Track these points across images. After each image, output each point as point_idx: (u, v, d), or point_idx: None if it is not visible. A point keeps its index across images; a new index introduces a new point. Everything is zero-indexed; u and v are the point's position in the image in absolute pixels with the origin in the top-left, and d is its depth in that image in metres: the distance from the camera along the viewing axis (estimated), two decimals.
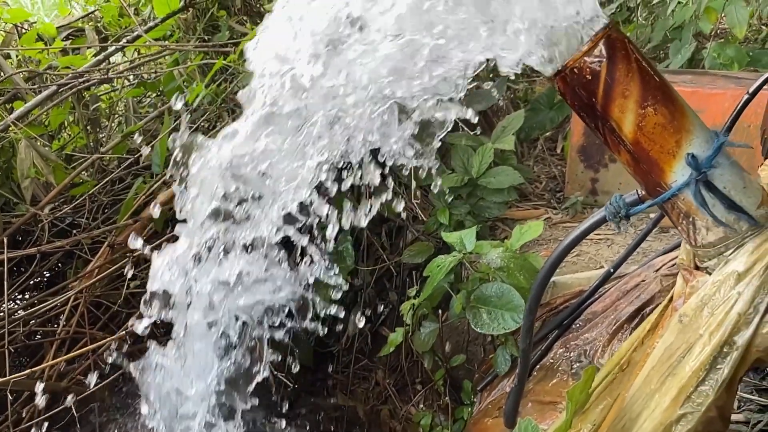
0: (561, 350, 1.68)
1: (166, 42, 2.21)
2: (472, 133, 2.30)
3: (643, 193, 0.89)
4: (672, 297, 0.99)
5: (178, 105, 1.10)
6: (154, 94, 2.55)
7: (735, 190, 0.81)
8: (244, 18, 2.68)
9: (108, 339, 1.60)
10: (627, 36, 0.82)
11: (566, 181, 2.72)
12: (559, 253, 0.94)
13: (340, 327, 2.38)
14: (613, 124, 0.83)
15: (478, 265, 1.77)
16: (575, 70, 0.82)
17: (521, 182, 2.30)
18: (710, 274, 0.86)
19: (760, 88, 1.03)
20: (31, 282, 1.99)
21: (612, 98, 0.82)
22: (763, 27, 4.30)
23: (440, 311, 1.86)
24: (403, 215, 2.41)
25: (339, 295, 1.97)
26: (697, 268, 0.90)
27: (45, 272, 2.16)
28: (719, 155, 0.81)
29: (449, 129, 0.96)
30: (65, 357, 1.57)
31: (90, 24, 2.38)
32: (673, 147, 0.81)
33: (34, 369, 1.48)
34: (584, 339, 1.66)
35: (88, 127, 2.30)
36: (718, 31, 3.48)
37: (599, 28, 0.81)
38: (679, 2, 3.37)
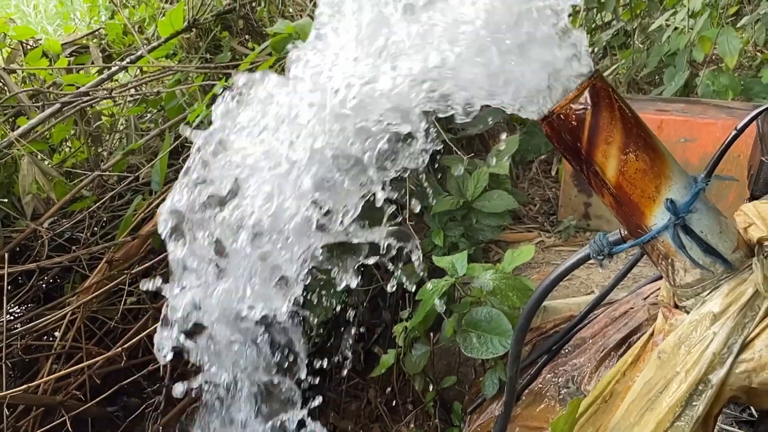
0: (549, 375, 1.71)
1: (170, 61, 2.25)
2: (467, 157, 2.34)
3: (626, 233, 0.92)
4: (653, 331, 1.02)
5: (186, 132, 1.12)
6: (156, 110, 2.59)
7: (711, 234, 0.85)
8: (246, 37, 2.73)
9: (104, 356, 1.63)
10: (611, 85, 0.86)
11: (560, 205, 2.76)
12: (543, 288, 0.97)
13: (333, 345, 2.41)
14: (597, 168, 0.87)
15: (471, 288, 1.80)
16: (561, 116, 0.86)
17: (515, 206, 2.34)
18: (688, 312, 0.90)
19: (747, 125, 1.06)
20: (29, 295, 2.01)
21: (596, 144, 0.85)
22: (758, 54, 4.37)
23: (432, 333, 1.89)
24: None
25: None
26: (676, 306, 0.93)
27: (43, 285, 2.18)
28: (697, 200, 0.85)
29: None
30: (62, 372, 1.59)
31: (94, 41, 2.42)
32: (653, 192, 0.85)
33: (30, 384, 1.50)
34: (572, 365, 1.69)
35: (90, 142, 2.34)
36: (713, 57, 3.54)
37: (585, 78, 0.85)
38: (675, 28, 3.43)
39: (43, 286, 2.20)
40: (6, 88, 2.04)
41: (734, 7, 4.33)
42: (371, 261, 1.40)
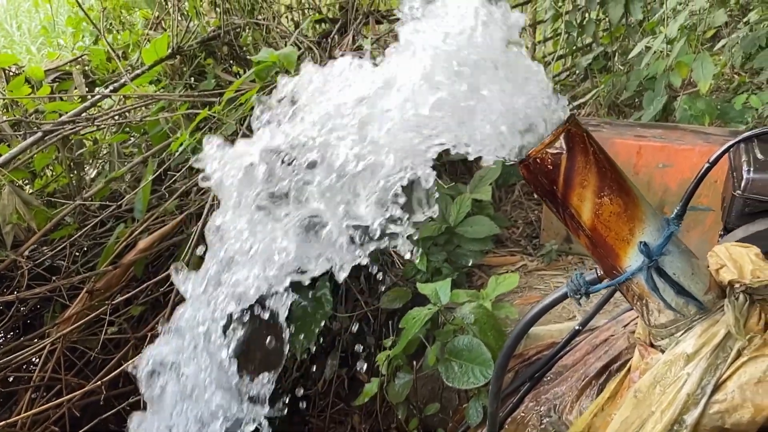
0: (532, 404, 1.72)
1: (153, 88, 2.25)
2: (447, 187, 2.36)
3: (602, 273, 0.94)
4: (630, 368, 1.04)
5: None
6: (139, 134, 2.58)
7: (684, 276, 0.87)
8: (231, 62, 2.74)
9: (83, 389, 1.61)
10: (586, 130, 0.88)
11: (542, 228, 2.79)
12: (521, 328, 0.98)
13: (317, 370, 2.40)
14: (573, 211, 0.88)
15: (453, 317, 1.81)
16: (537, 160, 0.87)
17: (498, 232, 2.36)
18: (663, 352, 0.91)
19: (718, 159, 1.09)
20: (8, 324, 1.98)
21: (571, 187, 0.87)
22: (735, 76, 4.47)
23: (415, 362, 1.89)
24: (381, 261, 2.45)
25: None
26: (651, 345, 0.95)
27: (23, 313, 2.15)
28: (669, 243, 0.86)
29: None
30: (41, 408, 1.57)
31: (77, 67, 2.42)
32: (627, 234, 0.87)
33: (8, 420, 1.48)
34: (554, 393, 1.70)
35: (71, 166, 2.33)
36: (692, 80, 3.61)
37: (560, 123, 0.87)
38: (654, 52, 3.50)
39: (24, 314, 2.17)
40: None
41: (712, 30, 4.43)
42: None
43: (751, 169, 1.59)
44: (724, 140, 2.51)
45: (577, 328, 1.49)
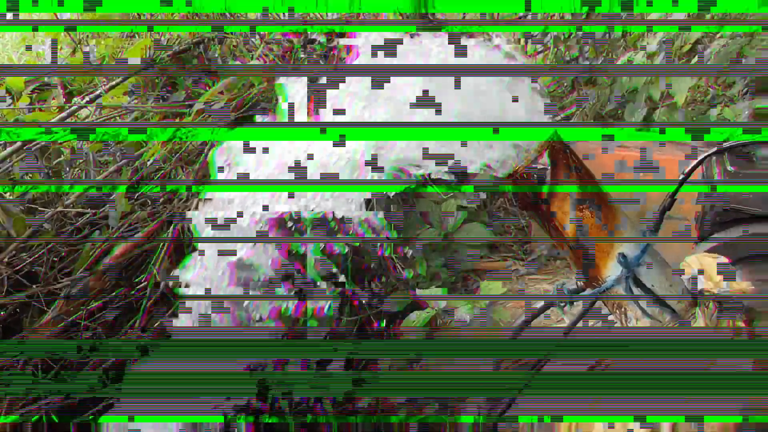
0: None
1: (128, 98, 2.28)
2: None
3: (583, 283, 0.96)
4: None
5: None
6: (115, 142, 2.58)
7: (660, 286, 0.90)
8: (204, 73, 2.75)
9: (62, 393, 1.59)
10: (569, 146, 0.90)
11: (532, 234, 2.83)
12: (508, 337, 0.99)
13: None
14: (556, 223, 0.91)
15: (451, 320, 1.83)
16: (523, 175, 0.89)
17: (492, 237, 2.42)
18: None
19: (692, 171, 1.12)
20: None
21: (555, 201, 0.89)
22: (710, 89, 4.56)
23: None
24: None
25: None
26: None
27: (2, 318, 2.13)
28: (646, 254, 0.89)
29: None
30: (19, 413, 1.55)
31: (56, 78, 2.42)
32: (607, 246, 0.89)
33: None
34: None
35: (50, 174, 2.31)
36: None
37: (544, 140, 0.88)
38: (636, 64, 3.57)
39: (3, 318, 2.15)
40: None
41: (688, 45, 4.51)
42: None
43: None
44: (701, 151, 2.56)
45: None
